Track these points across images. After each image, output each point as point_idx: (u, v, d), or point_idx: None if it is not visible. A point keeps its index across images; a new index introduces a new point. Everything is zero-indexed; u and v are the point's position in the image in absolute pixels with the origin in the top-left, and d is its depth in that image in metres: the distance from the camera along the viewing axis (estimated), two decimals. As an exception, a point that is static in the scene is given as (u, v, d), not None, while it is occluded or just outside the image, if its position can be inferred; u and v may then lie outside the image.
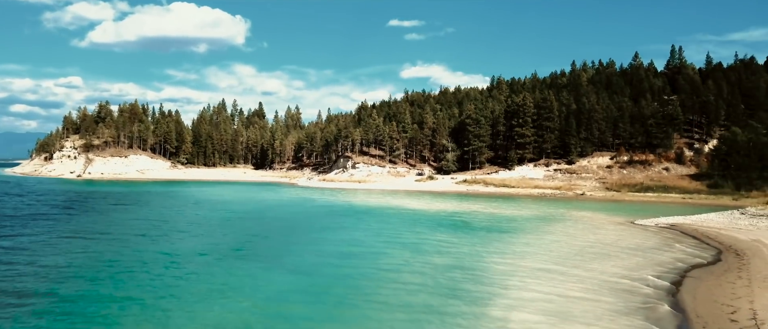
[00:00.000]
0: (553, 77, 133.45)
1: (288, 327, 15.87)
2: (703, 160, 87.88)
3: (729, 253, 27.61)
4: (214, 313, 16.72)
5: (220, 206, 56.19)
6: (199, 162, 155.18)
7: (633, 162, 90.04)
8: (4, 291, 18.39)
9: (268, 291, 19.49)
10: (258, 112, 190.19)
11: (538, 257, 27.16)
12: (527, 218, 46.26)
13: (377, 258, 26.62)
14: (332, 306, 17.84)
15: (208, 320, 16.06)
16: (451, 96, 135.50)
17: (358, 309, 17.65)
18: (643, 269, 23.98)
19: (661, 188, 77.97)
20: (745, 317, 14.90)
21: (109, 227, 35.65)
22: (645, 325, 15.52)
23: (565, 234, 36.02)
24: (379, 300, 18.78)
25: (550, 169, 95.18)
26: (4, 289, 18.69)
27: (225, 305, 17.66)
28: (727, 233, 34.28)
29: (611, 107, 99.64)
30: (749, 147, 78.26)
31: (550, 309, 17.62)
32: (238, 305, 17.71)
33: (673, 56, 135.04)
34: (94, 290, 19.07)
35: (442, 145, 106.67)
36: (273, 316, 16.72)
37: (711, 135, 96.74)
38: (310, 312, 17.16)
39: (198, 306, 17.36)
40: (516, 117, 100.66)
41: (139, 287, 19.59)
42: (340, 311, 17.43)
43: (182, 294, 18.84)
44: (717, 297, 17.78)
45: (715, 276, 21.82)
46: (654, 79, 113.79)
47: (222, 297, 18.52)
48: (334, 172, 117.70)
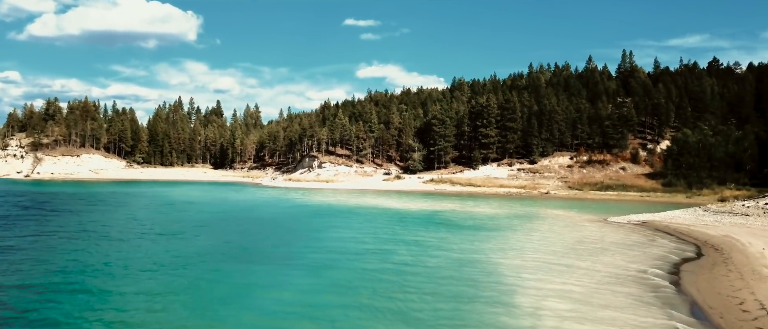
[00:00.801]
0: (513, 79, 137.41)
1: (340, 318, 16.25)
2: (656, 160, 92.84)
3: (707, 248, 29.78)
4: (258, 312, 16.95)
5: (196, 207, 55.26)
6: (155, 162, 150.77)
7: (592, 162, 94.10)
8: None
9: (299, 289, 19.81)
10: (216, 110, 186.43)
11: (537, 252, 28.51)
12: (507, 217, 47.92)
13: (386, 254, 27.35)
14: (369, 299, 18.39)
15: (256, 320, 16.30)
16: (414, 96, 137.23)
17: (395, 301, 18.31)
18: (639, 263, 25.68)
19: (620, 187, 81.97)
20: (755, 307, 16.45)
21: (101, 229, 34.69)
22: (668, 313, 16.88)
23: (551, 232, 37.72)
24: (410, 292, 19.57)
25: (513, 168, 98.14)
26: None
27: (263, 304, 17.89)
28: (698, 230, 36.75)
29: (570, 109, 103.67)
30: (699, 148, 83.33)
31: (574, 298, 18.87)
32: (277, 304, 17.97)
33: (624, 60, 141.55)
34: (112, 289, 18.89)
35: (409, 145, 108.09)
36: (318, 310, 17.09)
37: (662, 136, 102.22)
38: (350, 305, 17.69)
39: (236, 307, 17.54)
40: (480, 118, 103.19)
41: (167, 290, 19.51)
42: (379, 303, 18.03)
43: (213, 295, 18.92)
44: (719, 290, 19.42)
45: (706, 270, 23.65)
46: (609, 82, 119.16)
47: (255, 297, 18.74)
48: (299, 172, 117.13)
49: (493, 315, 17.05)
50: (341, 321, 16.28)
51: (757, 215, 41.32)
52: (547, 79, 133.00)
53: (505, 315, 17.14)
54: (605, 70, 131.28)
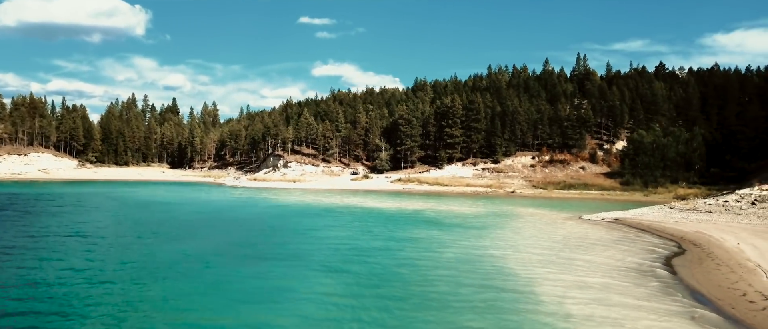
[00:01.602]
0: (474, 80, 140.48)
1: (386, 312, 16.89)
2: (612, 159, 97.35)
3: (687, 244, 32.01)
4: (302, 312, 17.33)
5: (173, 207, 54.19)
6: (109, 161, 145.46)
7: (553, 161, 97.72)
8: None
9: (329, 288, 20.29)
10: (171, 108, 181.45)
11: (535, 248, 29.99)
12: (487, 215, 49.50)
13: (394, 251, 28.19)
14: (403, 292, 19.11)
15: (305, 320, 16.72)
16: (378, 96, 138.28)
17: (428, 293, 19.12)
18: (633, 257, 27.53)
19: (582, 186, 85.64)
20: (759, 298, 18.18)
21: (94, 231, 33.77)
22: (682, 303, 18.45)
23: (536, 229, 39.45)
24: (438, 284, 20.57)
25: (478, 168, 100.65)
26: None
27: (289, 305, 18.09)
28: (671, 227, 39.26)
29: (531, 110, 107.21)
30: (653, 148, 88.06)
31: (592, 288, 20.32)
32: (305, 304, 18.31)
33: (579, 64, 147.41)
34: (133, 290, 18.88)
35: (376, 144, 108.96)
36: (359, 307, 17.66)
37: (617, 137, 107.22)
38: (389, 297, 18.35)
39: (280, 307, 17.88)
40: (446, 118, 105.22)
41: (195, 291, 19.61)
42: (414, 295, 18.76)
43: (246, 295, 19.07)
44: (718, 282, 21.23)
45: (696, 264, 25.62)
46: (566, 85, 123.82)
47: (292, 297, 19.06)
48: (264, 171, 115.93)
49: (525, 303, 18.18)
50: (388, 315, 16.91)
51: (719, 212, 44.46)
52: (507, 81, 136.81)
53: (534, 303, 18.31)
54: (562, 72, 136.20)
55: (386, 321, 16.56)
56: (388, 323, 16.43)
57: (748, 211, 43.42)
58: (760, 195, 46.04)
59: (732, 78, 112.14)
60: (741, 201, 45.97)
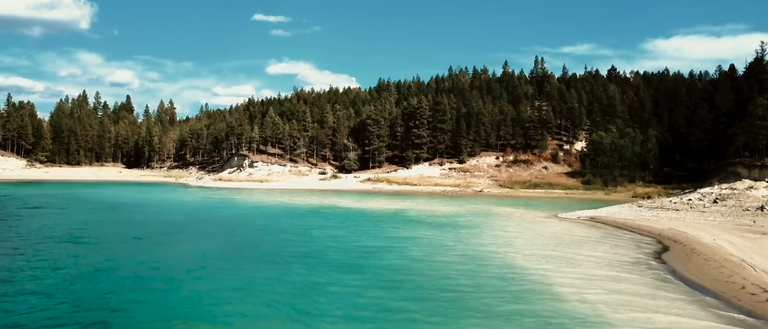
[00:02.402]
0: (437, 81, 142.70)
1: (420, 310, 17.62)
2: (573, 159, 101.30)
3: (667, 240, 34.17)
4: (336, 309, 17.82)
5: (148, 209, 52.96)
6: (60, 160, 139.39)
7: (517, 161, 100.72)
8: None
9: (354, 286, 20.86)
10: (125, 105, 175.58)
11: (531, 246, 31.40)
12: (469, 214, 50.89)
13: (399, 251, 29.02)
14: (426, 287, 19.96)
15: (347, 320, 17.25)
16: (343, 95, 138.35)
17: (454, 290, 20.01)
18: (626, 252, 29.37)
19: (547, 185, 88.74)
20: (759, 290, 19.95)
21: (91, 234, 32.83)
22: (692, 295, 20.07)
23: (522, 228, 41.05)
24: (459, 280, 21.63)
25: (445, 168, 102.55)
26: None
27: (329, 303, 18.60)
28: (646, 225, 41.67)
29: (495, 111, 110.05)
30: (611, 149, 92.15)
31: (604, 282, 21.73)
32: (345, 300, 18.84)
33: (536, 66, 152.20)
34: (179, 288, 18.95)
35: (344, 144, 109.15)
36: (387, 303, 18.31)
37: (576, 137, 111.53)
38: (415, 297, 19.04)
39: (307, 307, 18.27)
40: (413, 119, 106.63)
41: (224, 291, 19.78)
42: (439, 294, 19.55)
43: (275, 297, 19.33)
44: (715, 276, 23.06)
45: (685, 259, 27.57)
46: (526, 87, 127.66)
47: (317, 295, 19.45)
48: (228, 171, 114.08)
49: (549, 294, 19.42)
50: (428, 306, 17.68)
51: (685, 210, 47.44)
52: (469, 82, 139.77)
53: (557, 295, 19.55)
54: (522, 75, 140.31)
55: (429, 310, 17.40)
56: (430, 312, 17.29)
57: (711, 209, 46.56)
58: (720, 194, 49.38)
59: (680, 83, 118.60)
60: (703, 199, 49.17)
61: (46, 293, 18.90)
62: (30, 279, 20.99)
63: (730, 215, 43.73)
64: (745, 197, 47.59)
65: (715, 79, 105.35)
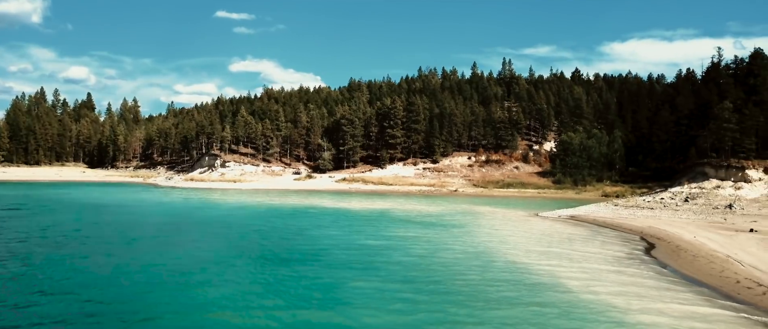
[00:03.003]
0: (408, 82, 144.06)
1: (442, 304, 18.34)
2: (542, 159, 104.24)
3: (650, 238, 35.95)
4: (361, 308, 18.32)
5: (128, 210, 51.97)
6: (18, 160, 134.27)
7: (490, 161, 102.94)
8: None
9: (371, 284, 21.31)
10: (86, 103, 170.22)
11: (527, 244, 32.60)
12: (454, 214, 51.98)
13: (403, 250, 29.59)
14: (442, 283, 20.66)
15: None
16: (315, 94, 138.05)
17: (469, 286, 20.76)
18: (619, 249, 30.87)
19: (519, 185, 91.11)
20: (754, 284, 21.53)
21: (93, 234, 32.17)
22: (692, 288, 21.48)
23: (511, 227, 42.35)
24: (471, 276, 22.44)
25: (419, 168, 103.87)
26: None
27: (352, 301, 19.00)
28: (627, 223, 43.61)
29: (466, 112, 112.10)
30: (580, 149, 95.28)
31: (608, 276, 22.97)
32: (367, 298, 19.31)
33: (504, 68, 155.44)
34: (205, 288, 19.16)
35: (318, 144, 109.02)
36: (408, 300, 18.93)
37: (545, 138, 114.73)
38: (435, 291, 19.74)
39: (331, 306, 18.69)
40: (387, 119, 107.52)
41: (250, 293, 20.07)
42: (456, 291, 20.26)
43: (295, 297, 19.64)
44: (708, 271, 24.64)
45: (674, 255, 29.22)
46: (495, 88, 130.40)
47: (339, 294, 19.82)
48: (199, 171, 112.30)
49: (563, 293, 20.34)
50: (450, 301, 18.44)
51: (659, 209, 49.84)
52: (439, 83, 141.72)
53: (570, 292, 20.50)
54: (491, 76, 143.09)
55: (455, 303, 18.20)
56: (457, 304, 18.10)
57: (683, 207, 49.08)
58: (690, 193, 52.06)
59: (642, 86, 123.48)
60: (675, 198, 51.74)
61: (78, 296, 18.74)
62: (47, 279, 20.73)
63: (702, 214, 46.25)
64: (714, 196, 50.33)
65: (676, 83, 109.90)
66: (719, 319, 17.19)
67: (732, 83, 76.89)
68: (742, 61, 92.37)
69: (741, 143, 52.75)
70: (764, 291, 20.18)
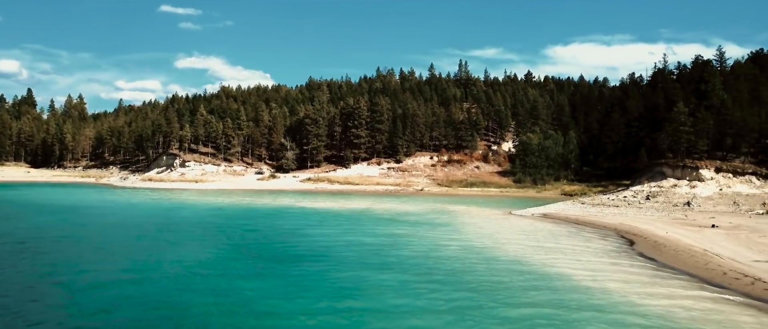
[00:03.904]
0: (369, 82, 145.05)
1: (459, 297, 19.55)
2: (502, 159, 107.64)
3: (627, 234, 38.46)
4: (387, 302, 19.30)
5: (99, 211, 50.54)
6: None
7: (452, 161, 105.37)
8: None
9: (390, 280, 22.36)
10: (27, 99, 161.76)
11: (515, 240, 34.37)
12: (433, 213, 53.39)
13: (404, 247, 31.01)
14: (452, 277, 21.93)
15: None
16: (273, 93, 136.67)
17: (479, 279, 22.07)
18: (603, 244, 33.05)
19: (482, 184, 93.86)
20: (740, 275, 23.83)
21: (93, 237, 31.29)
22: (684, 278, 23.59)
23: (493, 224, 44.16)
24: (480, 271, 23.87)
25: (383, 167, 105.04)
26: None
27: (377, 297, 19.95)
28: (599, 220, 46.30)
29: (428, 113, 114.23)
30: (539, 149, 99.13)
31: (606, 269, 24.87)
32: (390, 292, 20.31)
33: (460, 69, 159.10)
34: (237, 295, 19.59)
35: (281, 143, 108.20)
36: (428, 292, 20.11)
37: (503, 138, 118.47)
38: (446, 282, 20.97)
39: (357, 300, 19.57)
40: (351, 119, 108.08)
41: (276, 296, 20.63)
42: (465, 279, 21.60)
43: (318, 294, 20.34)
44: (693, 264, 26.96)
45: (656, 250, 31.56)
46: (454, 89, 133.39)
47: (364, 291, 20.71)
48: (156, 171, 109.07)
49: (573, 284, 22.06)
50: (467, 292, 19.74)
51: (624, 207, 53.07)
52: (398, 83, 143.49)
53: (579, 283, 22.20)
54: (449, 77, 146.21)
55: (480, 293, 19.55)
56: (483, 292, 19.42)
57: (646, 205, 52.47)
58: (651, 191, 55.64)
59: (593, 89, 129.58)
60: (637, 196, 55.19)
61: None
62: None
63: (664, 211, 49.64)
64: (672, 194, 54.05)
65: (625, 86, 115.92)
66: (723, 305, 19.28)
67: (679, 88, 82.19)
68: (684, 67, 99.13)
69: (695, 145, 56.96)
70: (752, 282, 22.41)
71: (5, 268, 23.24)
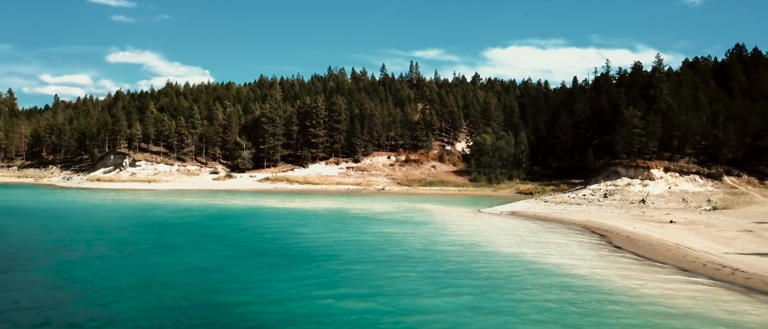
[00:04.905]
0: (323, 81, 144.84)
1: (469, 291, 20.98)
2: (456, 159, 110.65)
3: (598, 230, 41.21)
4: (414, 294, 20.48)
5: (61, 214, 48.53)
6: None
7: (409, 161, 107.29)
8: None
9: (410, 272, 23.44)
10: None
11: (500, 237, 36.32)
12: (407, 211, 54.75)
13: (401, 244, 32.23)
14: (461, 270, 23.27)
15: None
16: (224, 90, 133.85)
17: (487, 272, 23.57)
18: (581, 239, 35.41)
19: (440, 183, 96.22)
20: (719, 266, 26.49)
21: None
22: (670, 270, 26.00)
23: (471, 222, 46.01)
24: (483, 267, 25.35)
25: (342, 167, 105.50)
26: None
27: (403, 291, 21.03)
28: (567, 217, 49.12)
29: (385, 113, 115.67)
30: (493, 149, 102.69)
31: (596, 261, 27.02)
32: (418, 284, 21.47)
33: (411, 70, 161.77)
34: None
35: (236, 142, 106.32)
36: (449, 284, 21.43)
37: (457, 139, 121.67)
38: (457, 276, 22.34)
39: (382, 294, 20.61)
40: (309, 118, 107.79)
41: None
42: (471, 269, 23.01)
43: (345, 289, 21.31)
44: (671, 257, 29.57)
45: (632, 244, 34.17)
46: (408, 90, 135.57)
47: (389, 285, 21.65)
48: (102, 170, 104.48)
49: (574, 274, 23.93)
50: (480, 285, 21.16)
51: (585, 204, 56.40)
52: (351, 83, 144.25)
53: (579, 273, 24.07)
54: (402, 78, 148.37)
55: (492, 284, 21.04)
56: (495, 284, 20.82)
57: (605, 202, 56.01)
58: (607, 190, 59.38)
59: (540, 91, 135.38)
60: (595, 195, 58.76)
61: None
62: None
63: (623, 208, 53.24)
64: (627, 192, 57.96)
65: (572, 90, 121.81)
66: (716, 291, 21.69)
67: (623, 92, 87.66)
68: (625, 73, 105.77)
69: (646, 146, 61.35)
70: (731, 272, 25.04)
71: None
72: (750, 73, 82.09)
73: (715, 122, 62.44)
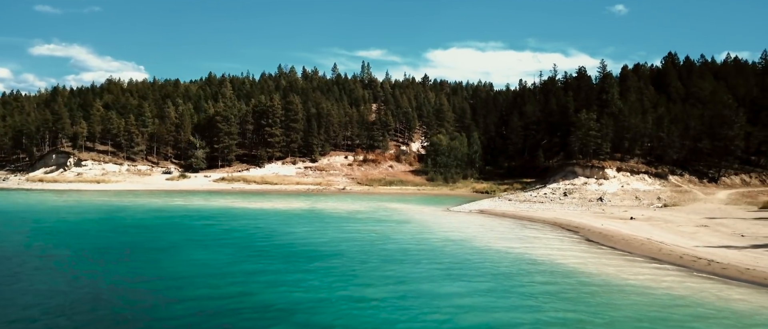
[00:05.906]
0: (275, 80, 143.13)
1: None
2: (412, 159, 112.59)
3: (569, 227, 43.69)
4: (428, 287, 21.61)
5: (28, 217, 46.18)
6: None
7: (367, 161, 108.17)
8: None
9: (419, 270, 24.49)
10: None
11: (482, 234, 37.92)
12: (381, 211, 55.59)
13: (398, 243, 32.88)
14: (464, 265, 24.64)
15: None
16: (172, 89, 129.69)
17: (494, 266, 25.03)
18: (558, 234, 37.58)
19: (399, 182, 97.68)
20: (695, 258, 29.04)
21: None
22: (652, 263, 28.31)
23: (448, 221, 47.43)
24: (481, 261, 26.68)
25: (300, 167, 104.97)
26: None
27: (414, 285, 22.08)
28: (537, 215, 51.49)
29: (341, 113, 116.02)
30: (448, 149, 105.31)
31: (581, 255, 29.10)
32: (430, 275, 22.57)
33: (363, 70, 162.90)
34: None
35: (189, 142, 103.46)
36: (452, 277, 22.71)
37: (412, 139, 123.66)
38: (463, 270, 23.71)
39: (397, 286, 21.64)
40: (265, 117, 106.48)
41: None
42: (473, 265, 24.44)
43: (362, 283, 22.09)
44: (647, 250, 32.07)
45: (607, 239, 36.64)
46: (363, 91, 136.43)
47: (405, 279, 22.68)
48: (43, 170, 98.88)
49: (563, 265, 25.69)
50: (486, 278, 22.56)
51: (548, 202, 59.26)
52: (301, 82, 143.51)
53: (571, 266, 25.82)
54: (356, 79, 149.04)
55: (499, 277, 22.37)
56: (501, 277, 22.19)
57: (566, 201, 59.10)
58: (566, 189, 62.65)
59: (490, 93, 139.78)
60: (555, 193, 61.85)
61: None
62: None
63: (583, 206, 56.43)
64: (585, 191, 61.40)
65: (522, 92, 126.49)
66: (701, 280, 24.03)
67: (571, 96, 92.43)
68: (570, 77, 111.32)
69: (600, 147, 65.29)
70: (708, 262, 27.61)
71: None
72: (684, 79, 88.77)
73: (661, 125, 67.25)
